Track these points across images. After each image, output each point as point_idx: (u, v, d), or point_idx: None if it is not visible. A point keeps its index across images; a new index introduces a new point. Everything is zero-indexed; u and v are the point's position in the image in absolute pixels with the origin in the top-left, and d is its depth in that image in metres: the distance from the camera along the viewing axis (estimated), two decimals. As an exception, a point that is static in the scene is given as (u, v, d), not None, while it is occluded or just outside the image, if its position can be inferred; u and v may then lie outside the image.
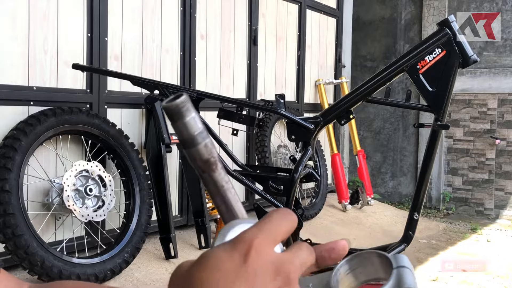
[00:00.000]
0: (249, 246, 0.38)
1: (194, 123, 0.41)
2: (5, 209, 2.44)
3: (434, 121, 2.31)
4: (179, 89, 2.90)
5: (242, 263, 0.38)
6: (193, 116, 0.41)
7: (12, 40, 2.76)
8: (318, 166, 4.93)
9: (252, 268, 0.38)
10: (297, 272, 0.40)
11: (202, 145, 0.42)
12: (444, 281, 3.72)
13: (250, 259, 0.38)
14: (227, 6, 4.27)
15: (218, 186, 0.45)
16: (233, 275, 0.37)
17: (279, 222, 0.41)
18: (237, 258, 0.38)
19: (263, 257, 0.38)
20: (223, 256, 0.38)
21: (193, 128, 0.41)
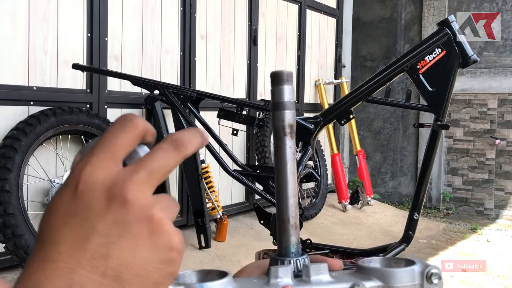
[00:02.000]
0: (78, 176, 0.35)
1: (291, 92, 0.48)
2: (5, 209, 2.44)
3: (434, 121, 2.31)
4: (179, 89, 2.90)
5: (72, 198, 0.34)
6: (291, 87, 0.48)
7: (12, 40, 2.76)
8: (318, 166, 4.92)
9: (80, 201, 0.34)
10: (140, 185, 0.34)
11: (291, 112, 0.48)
12: (444, 281, 3.71)
13: (78, 192, 0.34)
14: (227, 6, 4.27)
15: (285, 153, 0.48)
16: (65, 214, 0.34)
17: (116, 134, 0.36)
18: (68, 193, 0.35)
19: (92, 185, 0.34)
20: (58, 194, 0.35)
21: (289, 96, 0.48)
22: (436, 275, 0.46)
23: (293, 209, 0.48)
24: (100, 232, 0.34)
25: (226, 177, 3.72)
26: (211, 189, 3.68)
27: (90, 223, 0.34)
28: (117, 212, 0.34)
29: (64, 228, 0.34)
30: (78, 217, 0.34)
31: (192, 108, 2.82)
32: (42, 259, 0.34)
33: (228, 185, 4.24)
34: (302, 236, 2.38)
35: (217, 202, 3.73)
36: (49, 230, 0.35)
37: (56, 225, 0.34)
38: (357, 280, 0.45)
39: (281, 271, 0.45)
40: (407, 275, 0.46)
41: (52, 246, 0.34)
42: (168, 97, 2.83)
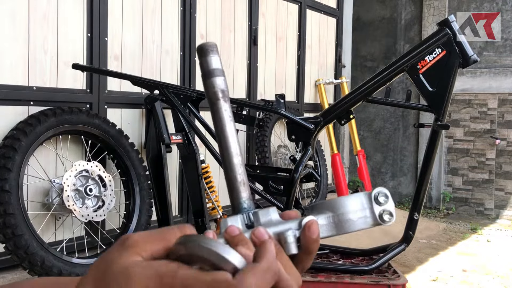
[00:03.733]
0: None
1: (217, 61, 0.50)
2: (5, 209, 2.44)
3: (434, 121, 2.31)
4: (179, 89, 2.90)
5: None
6: (217, 56, 0.51)
7: (12, 40, 2.76)
8: (318, 166, 4.92)
9: None
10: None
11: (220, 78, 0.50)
12: (444, 281, 3.72)
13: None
14: (227, 6, 4.27)
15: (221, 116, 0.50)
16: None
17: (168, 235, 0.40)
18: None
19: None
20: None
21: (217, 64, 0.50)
22: (382, 194, 0.48)
23: (238, 167, 0.50)
24: None
25: (226, 177, 3.72)
26: (211, 189, 3.68)
27: None
28: None
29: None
30: None
31: (192, 108, 2.82)
32: None
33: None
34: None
35: (217, 202, 3.73)
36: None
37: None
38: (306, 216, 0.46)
39: (230, 221, 0.46)
40: (354, 201, 0.47)
41: None
42: (168, 97, 2.83)
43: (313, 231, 0.44)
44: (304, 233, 0.44)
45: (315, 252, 0.45)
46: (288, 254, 0.44)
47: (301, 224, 0.45)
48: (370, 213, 0.48)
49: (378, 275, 2.26)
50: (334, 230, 0.48)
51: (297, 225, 0.45)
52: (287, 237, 0.44)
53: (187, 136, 3.36)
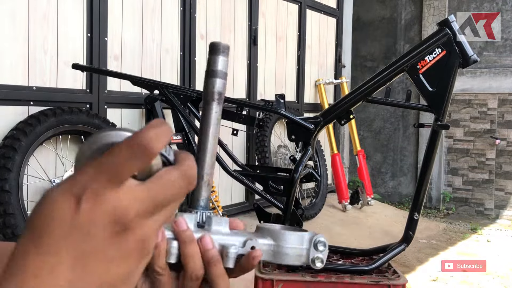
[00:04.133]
0: (83, 190, 0.35)
1: (225, 63, 0.53)
2: (5, 209, 2.44)
3: (434, 121, 2.31)
4: (179, 89, 2.90)
5: (76, 212, 0.35)
6: (226, 59, 0.53)
7: (12, 40, 2.76)
8: (318, 166, 4.92)
9: (85, 218, 0.35)
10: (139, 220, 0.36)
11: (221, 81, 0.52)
12: (444, 281, 3.72)
13: (82, 208, 0.35)
14: (227, 6, 4.27)
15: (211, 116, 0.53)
16: (67, 226, 0.35)
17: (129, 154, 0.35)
18: (72, 205, 0.35)
19: (97, 205, 0.35)
20: (58, 198, 0.35)
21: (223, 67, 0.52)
22: (321, 243, 0.52)
23: (209, 167, 0.53)
24: (100, 253, 0.36)
25: (226, 177, 3.72)
26: (211, 189, 3.68)
27: (92, 241, 0.35)
28: (118, 237, 0.36)
29: (67, 239, 0.35)
30: (80, 232, 0.35)
31: (192, 108, 2.82)
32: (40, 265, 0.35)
33: (228, 185, 4.24)
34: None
35: (217, 202, 3.73)
36: (49, 235, 0.35)
37: (57, 233, 0.35)
38: (252, 236, 0.50)
39: (186, 216, 0.49)
40: (296, 239, 0.51)
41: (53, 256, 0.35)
42: (168, 97, 2.83)
43: (256, 259, 0.48)
44: (248, 259, 0.48)
45: (249, 271, 0.49)
46: (224, 266, 0.48)
47: (245, 244, 0.49)
48: (305, 254, 0.51)
49: (378, 275, 2.26)
50: (271, 257, 0.51)
51: (242, 244, 0.49)
52: (229, 253, 0.48)
53: (187, 136, 3.36)
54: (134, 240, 0.37)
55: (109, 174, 0.35)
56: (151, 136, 0.36)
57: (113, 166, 0.35)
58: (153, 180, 0.38)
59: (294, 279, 2.16)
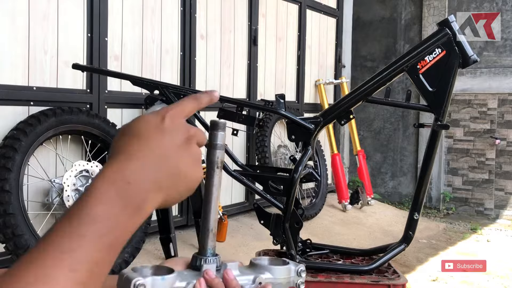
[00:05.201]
0: (165, 113, 0.58)
1: (224, 137, 0.67)
2: (5, 209, 2.44)
3: (434, 121, 2.31)
4: (179, 89, 2.90)
5: (162, 121, 0.57)
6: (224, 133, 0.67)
7: (12, 40, 2.76)
8: (318, 166, 4.92)
9: (168, 125, 0.57)
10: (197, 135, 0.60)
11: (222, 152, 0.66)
12: (444, 281, 3.72)
13: (166, 119, 0.57)
14: (227, 6, 4.27)
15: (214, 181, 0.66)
16: (157, 127, 0.57)
17: (188, 101, 0.61)
18: (159, 118, 0.57)
19: (175, 120, 0.58)
20: (149, 116, 0.58)
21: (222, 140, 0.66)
22: (303, 271, 0.70)
23: (213, 221, 0.67)
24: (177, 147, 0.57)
25: (226, 177, 3.71)
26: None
27: (172, 139, 0.57)
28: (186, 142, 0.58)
29: (156, 134, 0.56)
30: (164, 132, 0.57)
31: (192, 108, 2.82)
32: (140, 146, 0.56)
33: (228, 185, 4.24)
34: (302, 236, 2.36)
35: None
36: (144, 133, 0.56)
37: (150, 131, 0.56)
38: (257, 274, 0.67)
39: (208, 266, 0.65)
40: (286, 271, 0.69)
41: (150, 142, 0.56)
42: (168, 97, 2.83)
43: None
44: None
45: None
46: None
47: (255, 281, 0.66)
48: (292, 281, 0.69)
49: (378, 275, 2.26)
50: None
51: (252, 281, 0.66)
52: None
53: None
54: (194, 148, 0.59)
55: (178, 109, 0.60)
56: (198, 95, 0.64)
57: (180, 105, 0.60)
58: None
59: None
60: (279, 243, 2.41)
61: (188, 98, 0.62)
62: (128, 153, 0.55)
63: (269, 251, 2.51)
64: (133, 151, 0.55)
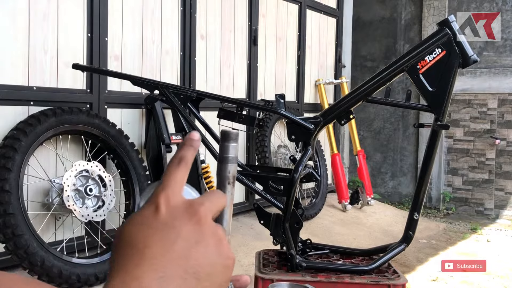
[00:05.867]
0: (158, 200, 0.47)
1: (237, 149, 0.60)
2: (5, 209, 2.44)
3: (434, 121, 2.31)
4: (179, 89, 2.90)
5: (156, 213, 0.46)
6: (237, 145, 0.61)
7: (12, 40, 2.77)
8: (318, 166, 4.92)
9: (165, 215, 0.46)
10: (208, 211, 0.48)
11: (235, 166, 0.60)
12: (444, 281, 3.72)
13: (161, 208, 0.46)
14: (227, 6, 4.27)
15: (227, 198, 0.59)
16: (152, 225, 0.46)
17: (174, 171, 0.50)
18: (152, 210, 0.47)
19: (172, 204, 0.47)
20: (142, 213, 0.47)
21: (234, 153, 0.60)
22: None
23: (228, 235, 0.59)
24: (183, 238, 0.45)
25: (226, 177, 3.71)
26: (211, 189, 3.68)
27: (176, 231, 0.46)
28: (195, 225, 0.46)
29: (154, 236, 0.45)
30: (165, 227, 0.46)
31: (192, 108, 2.82)
32: (138, 260, 0.44)
33: (228, 185, 4.23)
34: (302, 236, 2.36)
35: (217, 202, 3.73)
36: (140, 238, 0.45)
37: (146, 234, 0.46)
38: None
39: None
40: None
41: (146, 248, 0.45)
42: (168, 97, 2.83)
43: None
44: None
45: None
46: None
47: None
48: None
49: (378, 275, 2.26)
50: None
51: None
52: None
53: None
54: (208, 229, 0.47)
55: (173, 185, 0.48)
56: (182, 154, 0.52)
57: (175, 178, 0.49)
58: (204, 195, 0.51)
59: (294, 279, 2.16)
60: (279, 243, 2.41)
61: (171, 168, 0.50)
62: (124, 271, 0.44)
63: (269, 251, 2.51)
64: (130, 267, 0.44)
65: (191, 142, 0.52)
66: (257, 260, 2.37)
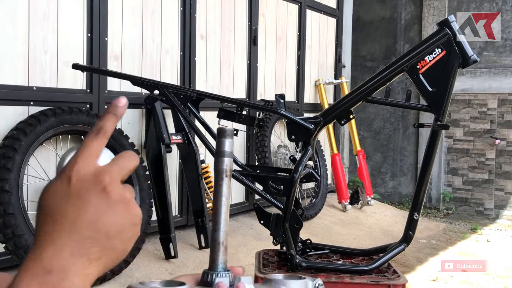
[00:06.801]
0: (70, 171, 0.51)
1: (232, 144, 0.64)
2: (5, 209, 2.44)
3: (434, 121, 2.31)
4: (179, 89, 2.90)
5: (68, 184, 0.51)
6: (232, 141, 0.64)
7: (12, 40, 2.76)
8: (318, 166, 4.92)
9: (75, 186, 0.51)
10: (114, 176, 0.52)
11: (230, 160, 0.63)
12: (444, 281, 3.72)
13: (72, 180, 0.51)
14: (227, 6, 4.27)
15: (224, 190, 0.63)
16: (65, 196, 0.50)
17: (91, 141, 0.53)
18: (65, 181, 0.51)
19: (82, 175, 0.51)
20: (56, 183, 0.52)
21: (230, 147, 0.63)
22: (321, 285, 0.67)
23: (224, 234, 0.64)
24: (93, 206, 0.50)
25: (226, 177, 3.71)
26: (211, 189, 3.68)
27: (85, 200, 0.50)
28: (102, 193, 0.51)
29: (68, 205, 0.50)
30: (76, 197, 0.50)
31: (192, 108, 2.82)
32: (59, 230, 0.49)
33: (228, 185, 4.23)
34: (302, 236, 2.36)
35: (217, 202, 3.73)
36: (54, 208, 0.50)
37: (61, 204, 0.50)
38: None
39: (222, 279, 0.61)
40: (303, 285, 0.66)
41: (62, 218, 0.50)
42: (168, 97, 2.83)
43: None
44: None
45: None
46: None
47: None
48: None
49: (378, 275, 2.26)
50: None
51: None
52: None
53: (187, 136, 3.36)
54: (115, 194, 0.51)
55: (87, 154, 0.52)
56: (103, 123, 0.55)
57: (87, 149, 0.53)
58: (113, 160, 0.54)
59: (294, 279, 2.16)
60: (279, 243, 2.41)
61: (89, 137, 0.53)
62: (44, 235, 0.49)
63: (269, 251, 2.51)
64: (48, 232, 0.49)
65: (114, 109, 0.55)
66: (257, 260, 2.37)
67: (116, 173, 0.52)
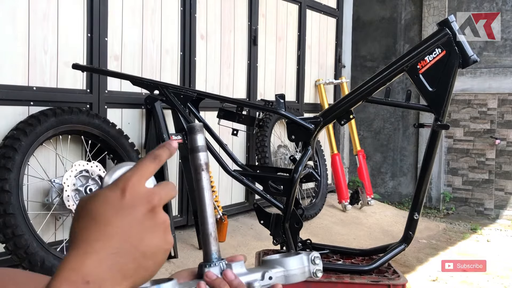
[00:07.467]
0: (125, 185, 0.53)
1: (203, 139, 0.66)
2: (5, 209, 2.44)
3: (434, 121, 2.31)
4: (179, 89, 2.90)
5: (122, 196, 0.53)
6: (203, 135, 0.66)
7: (12, 40, 2.76)
8: (318, 166, 4.92)
9: (128, 200, 0.53)
10: (162, 200, 0.55)
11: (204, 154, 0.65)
12: (444, 281, 3.72)
13: (126, 193, 0.53)
14: (227, 6, 4.27)
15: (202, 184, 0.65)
16: (116, 206, 0.52)
17: (148, 164, 0.56)
18: (118, 194, 0.53)
19: (136, 191, 0.53)
20: (107, 192, 0.53)
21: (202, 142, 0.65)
22: (317, 258, 0.68)
23: (212, 226, 0.66)
24: (139, 222, 0.53)
25: (226, 177, 3.72)
26: (213, 188, 3.69)
27: (134, 215, 0.53)
28: (150, 213, 0.54)
29: (116, 216, 0.52)
30: (126, 210, 0.52)
31: (192, 108, 2.82)
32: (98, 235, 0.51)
33: (228, 185, 4.24)
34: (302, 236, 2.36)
35: (217, 202, 3.73)
36: (102, 215, 0.52)
37: (109, 213, 0.52)
38: (266, 269, 0.65)
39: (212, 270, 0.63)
40: (298, 261, 0.67)
41: (106, 226, 0.52)
42: (168, 97, 2.83)
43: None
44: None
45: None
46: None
47: (263, 276, 0.64)
48: (308, 270, 0.67)
49: (378, 275, 2.26)
50: (284, 280, 0.66)
51: (261, 276, 0.64)
52: (255, 286, 0.63)
53: (187, 136, 3.35)
54: (160, 217, 0.55)
55: (140, 173, 0.55)
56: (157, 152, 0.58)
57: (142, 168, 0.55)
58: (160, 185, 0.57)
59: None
60: (279, 243, 2.41)
61: (146, 160, 0.57)
62: (85, 243, 0.51)
63: (269, 251, 2.51)
64: (91, 240, 0.51)
65: (169, 145, 0.59)
66: (257, 260, 2.37)
67: (164, 198, 0.56)
